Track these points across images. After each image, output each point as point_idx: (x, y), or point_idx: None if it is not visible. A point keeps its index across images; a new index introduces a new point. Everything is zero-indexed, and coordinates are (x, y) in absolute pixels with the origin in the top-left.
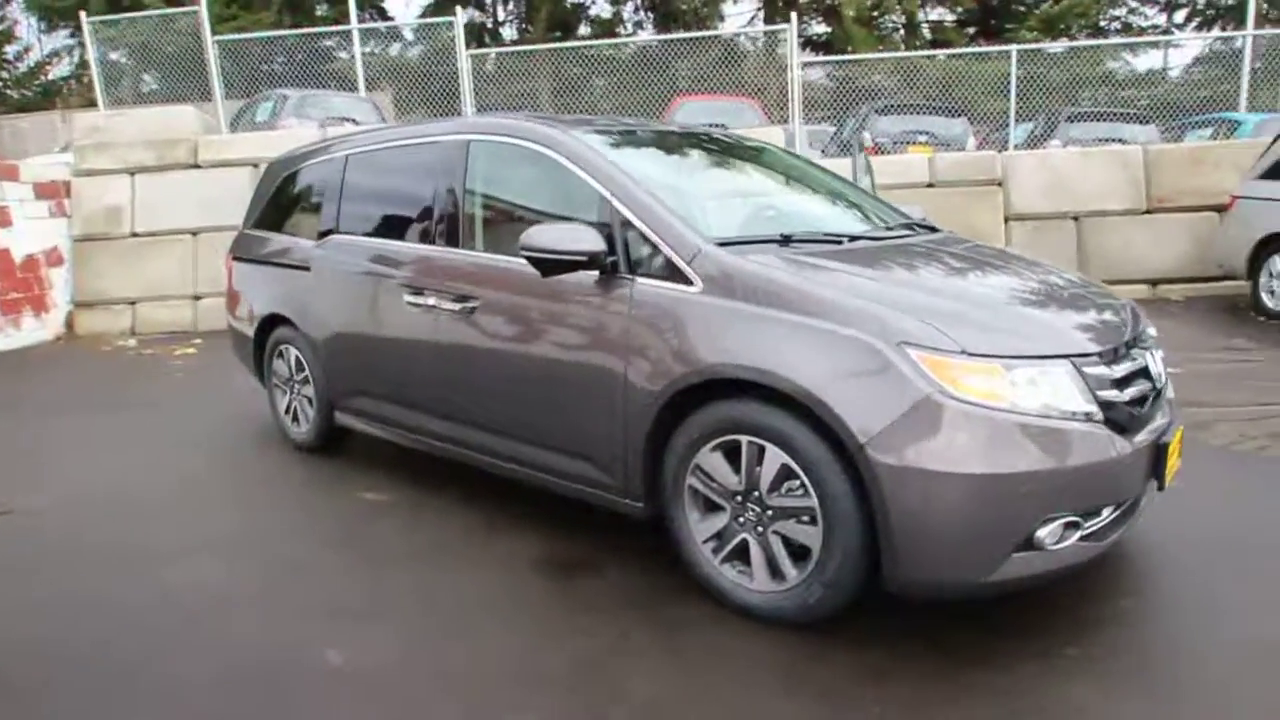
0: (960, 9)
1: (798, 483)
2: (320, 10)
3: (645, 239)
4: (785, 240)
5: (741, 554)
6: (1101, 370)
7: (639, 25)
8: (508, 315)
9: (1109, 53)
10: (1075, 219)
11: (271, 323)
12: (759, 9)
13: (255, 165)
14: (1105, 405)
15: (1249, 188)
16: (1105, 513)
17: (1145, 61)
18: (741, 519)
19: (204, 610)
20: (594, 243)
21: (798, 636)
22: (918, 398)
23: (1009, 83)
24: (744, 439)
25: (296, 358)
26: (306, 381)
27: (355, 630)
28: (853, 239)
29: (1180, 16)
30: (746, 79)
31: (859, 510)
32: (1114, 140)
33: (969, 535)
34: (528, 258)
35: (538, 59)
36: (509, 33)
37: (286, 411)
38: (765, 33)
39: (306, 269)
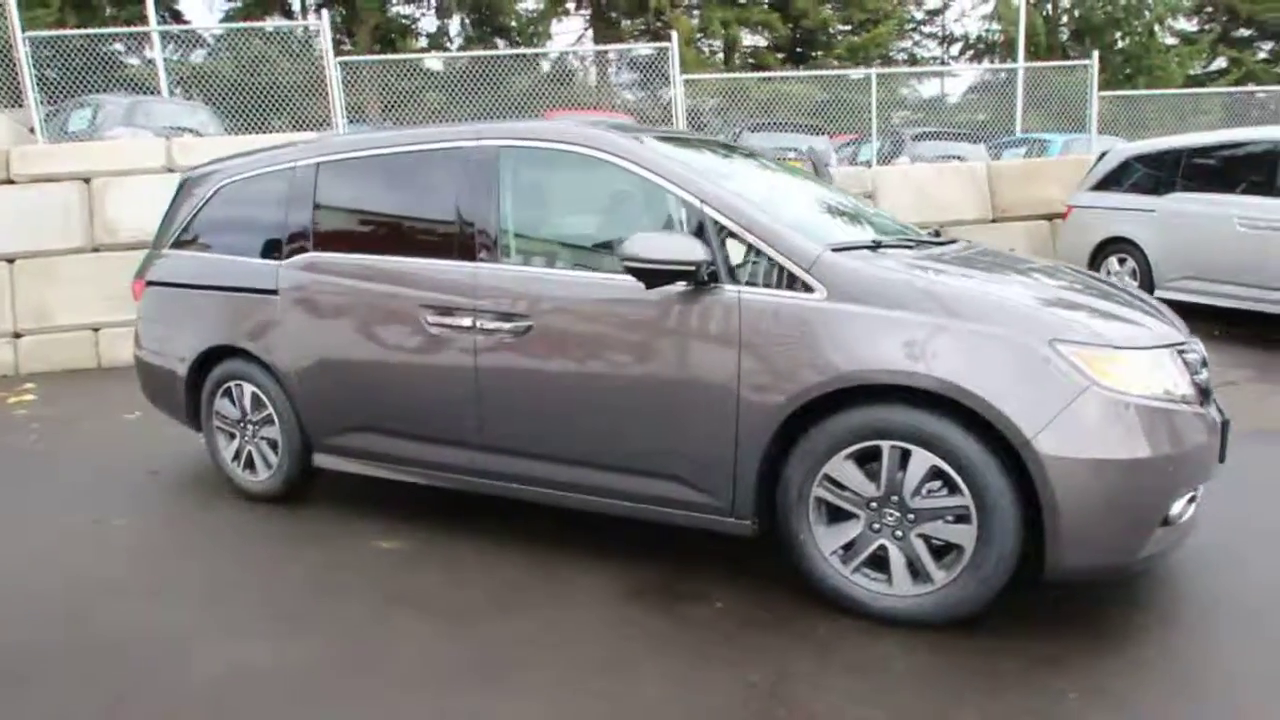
0: (774, 35)
1: (939, 483)
2: (109, 11)
3: (751, 247)
4: (876, 245)
5: (875, 561)
6: (1192, 356)
7: (469, 40)
8: (578, 333)
9: (900, 80)
10: (939, 229)
11: (215, 356)
12: (586, 28)
13: (86, 180)
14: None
15: (1083, 198)
16: (1202, 486)
17: (929, 89)
18: (877, 525)
19: (299, 696)
20: (701, 251)
21: (953, 637)
22: (1077, 391)
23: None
24: (886, 444)
25: (254, 395)
26: (269, 421)
27: (489, 696)
28: (920, 243)
29: (955, 49)
30: (577, 97)
31: (1015, 505)
32: (953, 157)
33: (1128, 518)
34: (630, 268)
35: (364, 70)
36: (325, 44)
37: (236, 458)
38: (652, 50)
39: (271, 292)
